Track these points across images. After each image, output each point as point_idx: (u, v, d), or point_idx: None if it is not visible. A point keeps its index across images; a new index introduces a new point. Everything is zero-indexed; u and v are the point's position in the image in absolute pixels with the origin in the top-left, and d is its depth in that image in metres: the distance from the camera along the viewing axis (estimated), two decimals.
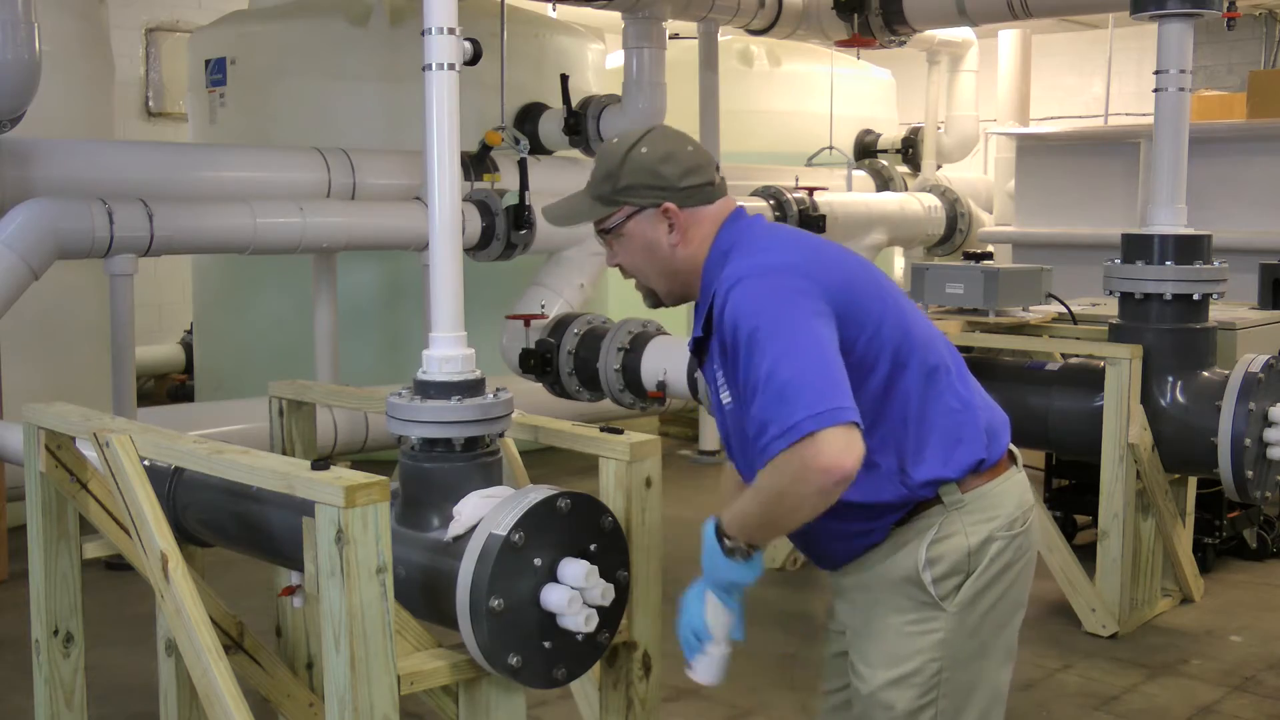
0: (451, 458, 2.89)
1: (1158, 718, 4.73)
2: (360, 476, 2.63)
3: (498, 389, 2.97)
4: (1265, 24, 13.47)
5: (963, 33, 12.46)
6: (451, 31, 2.85)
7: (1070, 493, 6.77)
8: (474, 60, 3.01)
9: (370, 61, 8.62)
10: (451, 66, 2.87)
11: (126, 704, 4.79)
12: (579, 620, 2.68)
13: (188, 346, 11.30)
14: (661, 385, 6.97)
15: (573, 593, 2.67)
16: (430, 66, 2.88)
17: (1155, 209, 5.70)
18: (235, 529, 3.44)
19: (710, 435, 9.42)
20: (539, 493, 2.74)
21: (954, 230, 11.80)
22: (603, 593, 2.73)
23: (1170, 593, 5.99)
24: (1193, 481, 6.09)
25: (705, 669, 2.65)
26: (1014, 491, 2.80)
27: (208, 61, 8.99)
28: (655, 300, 2.86)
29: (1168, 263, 5.58)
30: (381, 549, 2.60)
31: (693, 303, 2.83)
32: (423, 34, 2.87)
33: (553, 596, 2.68)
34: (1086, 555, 5.79)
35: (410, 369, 9.07)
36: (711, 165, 2.81)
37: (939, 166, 12.72)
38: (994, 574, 2.73)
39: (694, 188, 2.75)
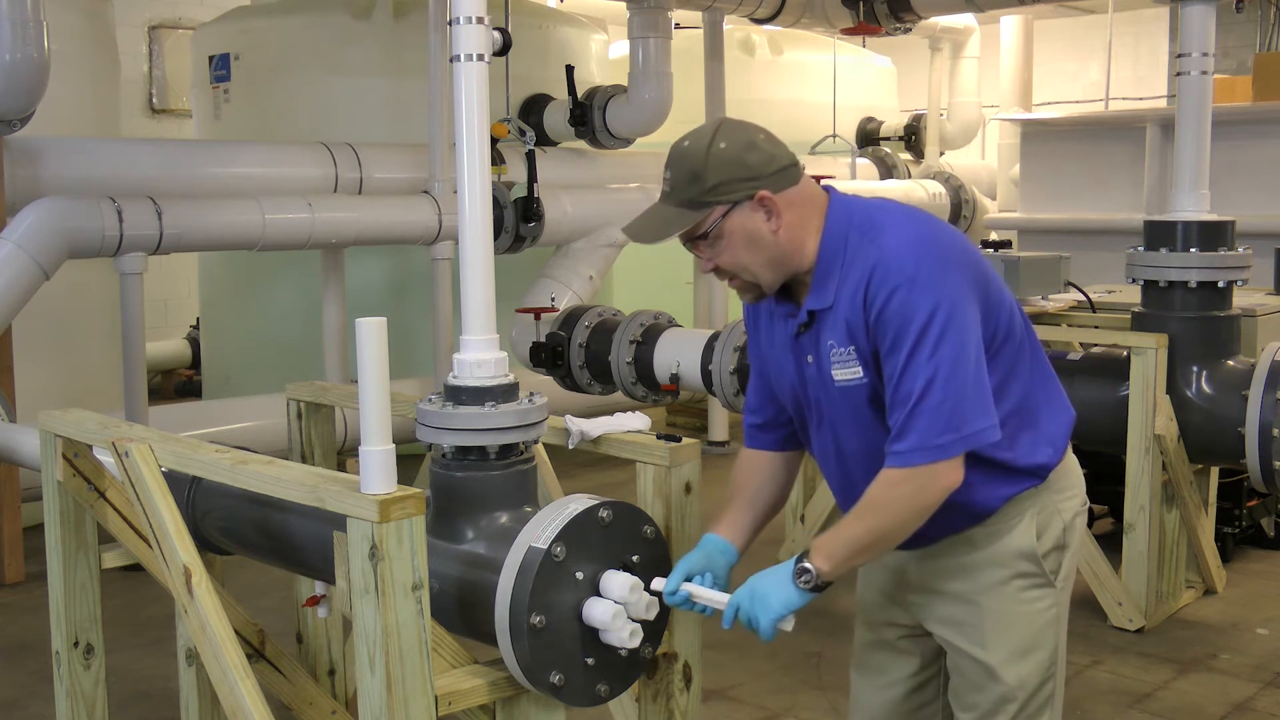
0: (485, 466, 2.77)
1: (1193, 716, 4.66)
2: (394, 488, 2.53)
3: (531, 393, 2.87)
4: (1260, 7, 13.35)
5: (964, 19, 12.36)
6: (480, 21, 2.72)
7: (1087, 481, 6.66)
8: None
9: (374, 55, 8.54)
10: (480, 57, 2.73)
11: (146, 711, 4.73)
12: (623, 635, 2.57)
13: (194, 342, 11.26)
14: (675, 378, 6.92)
15: (616, 607, 2.57)
16: (459, 57, 2.73)
17: (1178, 195, 5.61)
18: (258, 538, 3.35)
19: (719, 425, 9.31)
20: (579, 503, 2.63)
21: (958, 217, 11.78)
22: (646, 606, 2.63)
23: (1193, 584, 5.91)
24: (1214, 471, 6.01)
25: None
26: (1076, 463, 2.91)
27: (211, 58, 8.92)
28: (757, 294, 2.71)
29: (1192, 249, 5.49)
30: (417, 565, 2.50)
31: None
32: (449, 24, 2.76)
33: (596, 612, 2.57)
34: (1105, 545, 5.71)
35: (418, 364, 8.95)
36: (785, 146, 2.70)
37: (941, 153, 12.66)
38: (1077, 546, 2.86)
39: (782, 170, 2.62)
